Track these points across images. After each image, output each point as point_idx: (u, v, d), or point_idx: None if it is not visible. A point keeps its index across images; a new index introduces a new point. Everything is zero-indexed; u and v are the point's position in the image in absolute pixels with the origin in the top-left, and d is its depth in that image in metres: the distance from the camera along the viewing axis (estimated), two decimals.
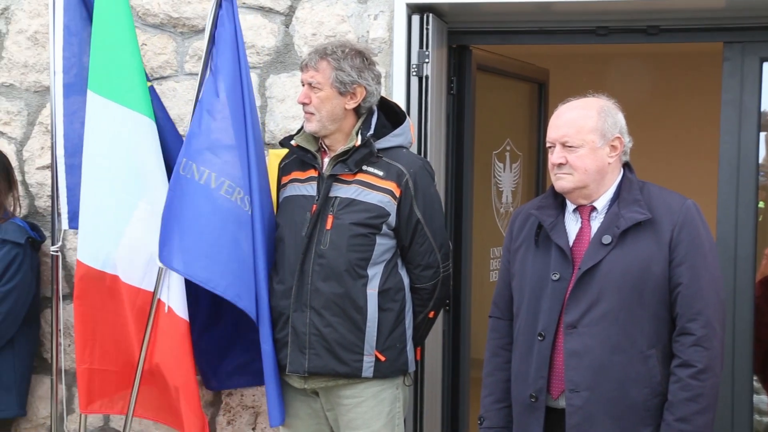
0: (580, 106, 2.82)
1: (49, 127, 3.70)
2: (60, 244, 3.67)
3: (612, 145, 2.78)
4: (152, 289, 3.42)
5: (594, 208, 2.81)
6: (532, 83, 5.15)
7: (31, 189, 4.02)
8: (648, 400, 2.70)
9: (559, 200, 2.87)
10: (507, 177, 4.89)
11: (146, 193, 3.42)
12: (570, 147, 2.75)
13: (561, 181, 2.79)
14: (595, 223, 2.80)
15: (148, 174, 3.43)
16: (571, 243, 2.80)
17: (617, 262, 2.70)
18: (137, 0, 3.88)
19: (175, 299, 3.38)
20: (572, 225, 2.83)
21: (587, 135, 2.75)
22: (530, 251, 2.87)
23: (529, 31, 4.02)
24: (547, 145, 2.83)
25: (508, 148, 4.89)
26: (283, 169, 3.36)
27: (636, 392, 2.69)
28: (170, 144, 3.55)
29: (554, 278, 2.77)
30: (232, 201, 3.21)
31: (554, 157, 2.78)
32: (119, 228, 3.41)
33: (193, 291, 3.41)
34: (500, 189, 4.86)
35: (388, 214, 3.13)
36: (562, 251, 2.78)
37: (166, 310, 3.40)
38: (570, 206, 2.85)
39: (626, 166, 2.86)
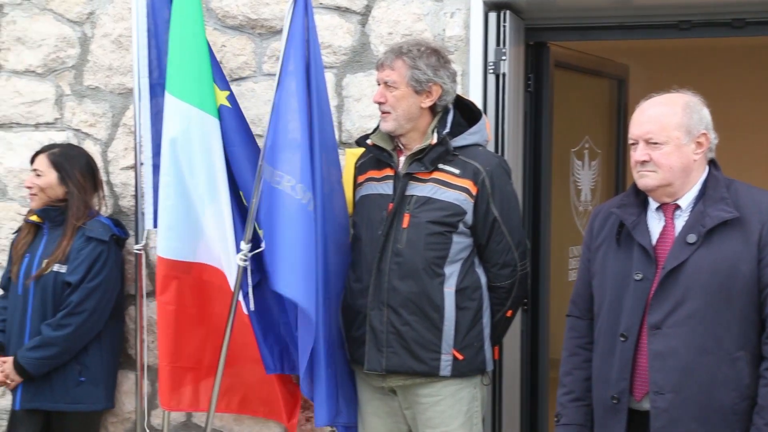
0: (664, 101, 2.76)
1: (133, 129, 3.78)
2: (144, 242, 3.75)
3: (698, 142, 2.71)
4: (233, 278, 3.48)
5: (678, 207, 2.74)
6: (612, 79, 5.07)
7: (115, 189, 4.11)
8: (736, 404, 2.63)
9: (641, 198, 2.81)
10: (586, 175, 4.83)
11: (214, 191, 3.49)
12: (654, 144, 2.69)
13: (644, 179, 2.73)
14: (679, 222, 2.73)
15: (217, 172, 3.51)
16: (654, 242, 2.74)
17: (703, 261, 2.64)
18: (217, 2, 3.93)
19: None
20: (655, 223, 2.77)
21: (672, 131, 2.69)
22: (611, 250, 2.82)
23: (608, 27, 3.96)
24: (630, 142, 2.77)
25: (586, 145, 4.82)
26: (360, 168, 3.38)
27: (723, 395, 2.62)
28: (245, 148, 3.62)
29: (637, 278, 2.72)
30: (304, 204, 3.24)
31: (637, 154, 2.72)
32: (197, 224, 3.49)
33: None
34: (579, 187, 4.80)
35: (465, 213, 3.11)
36: (644, 250, 2.72)
37: (252, 307, 3.47)
38: (653, 204, 2.79)
39: (712, 163, 2.78)
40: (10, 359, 3.69)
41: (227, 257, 3.50)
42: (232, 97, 3.63)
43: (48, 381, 3.69)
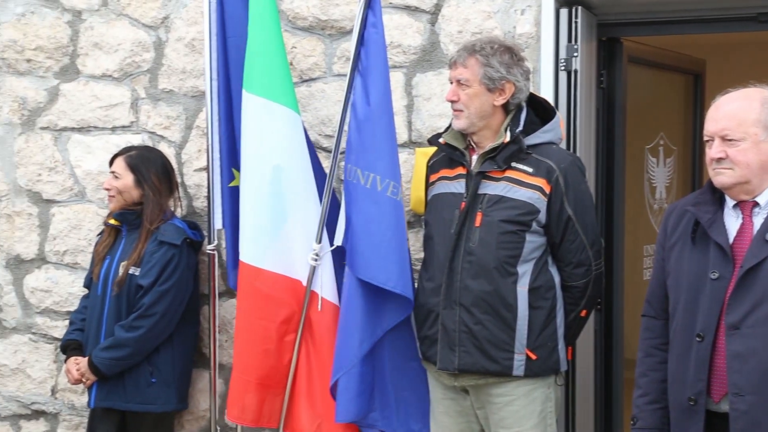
0: (741, 97, 2.69)
1: (206, 131, 3.84)
2: (216, 243, 3.81)
3: None
4: (315, 288, 3.51)
5: (756, 204, 2.67)
6: (687, 75, 4.97)
7: (189, 190, 4.18)
8: None
9: (717, 195, 2.75)
10: (660, 172, 4.74)
11: (297, 189, 3.50)
12: (730, 141, 2.63)
13: (721, 177, 2.66)
14: (758, 220, 2.66)
15: (299, 169, 3.52)
16: (731, 240, 2.67)
17: None
18: (287, 4, 3.97)
19: (327, 290, 3.48)
20: (732, 221, 2.71)
21: (749, 128, 2.62)
22: (686, 249, 2.76)
23: (683, 20, 3.88)
24: (705, 138, 2.71)
25: (661, 142, 4.74)
26: (432, 167, 3.37)
27: None
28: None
29: (713, 277, 2.66)
30: (398, 201, 3.25)
31: (713, 151, 2.66)
32: (278, 225, 3.50)
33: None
34: (653, 184, 4.72)
35: (538, 211, 3.09)
36: (721, 249, 2.66)
37: (320, 306, 3.48)
38: (729, 202, 2.72)
39: None
40: (85, 359, 3.79)
41: (306, 260, 3.51)
42: None
43: (121, 381, 3.77)
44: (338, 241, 3.46)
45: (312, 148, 3.68)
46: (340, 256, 3.51)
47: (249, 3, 3.55)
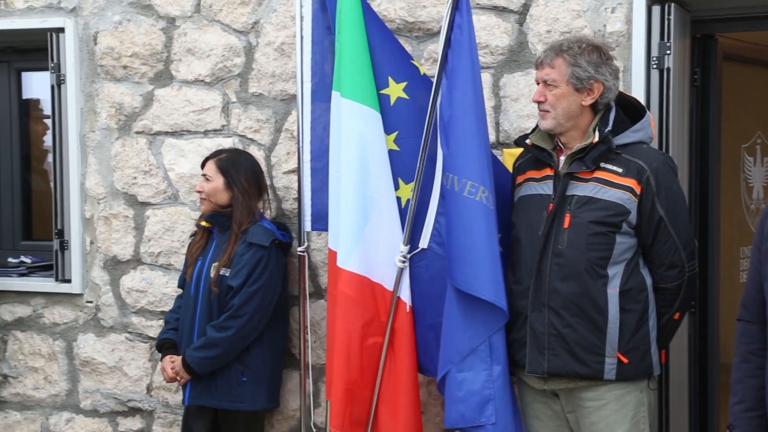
0: None
1: (295, 133, 3.88)
2: (306, 245, 3.85)
3: None
4: (391, 288, 3.49)
5: None
6: None
7: (278, 193, 4.23)
8: None
9: None
10: (758, 171, 4.61)
11: (379, 190, 3.51)
12: None
13: None
14: None
15: (381, 170, 3.52)
16: None
17: None
18: (375, 7, 3.97)
19: (406, 293, 3.47)
20: None
21: None
22: None
23: None
24: None
25: (758, 141, 4.61)
26: (518, 169, 3.34)
27: None
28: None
29: None
30: (477, 201, 3.20)
31: None
32: (361, 226, 3.49)
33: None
34: (750, 184, 4.59)
35: (628, 212, 3.03)
36: None
37: (408, 309, 3.48)
38: None
39: None
40: (180, 357, 3.87)
41: (388, 262, 3.50)
42: (410, 88, 3.57)
43: (213, 380, 3.84)
44: (423, 243, 3.46)
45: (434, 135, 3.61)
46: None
47: (336, 5, 3.56)
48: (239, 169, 3.91)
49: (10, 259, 4.82)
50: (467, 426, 3.28)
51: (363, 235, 3.49)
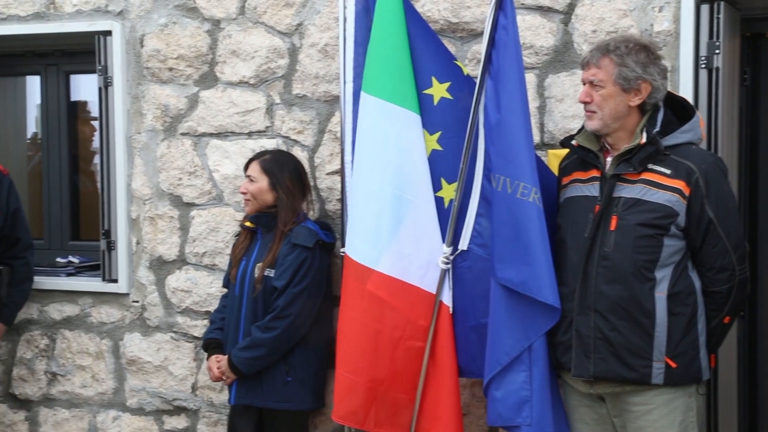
0: None
1: (338, 135, 3.89)
2: None
3: None
4: (432, 290, 3.48)
5: None
6: None
7: (321, 194, 4.24)
8: None
9: None
10: None
11: (416, 191, 3.49)
12: None
13: None
14: None
15: (418, 172, 3.49)
16: None
17: None
18: (418, 8, 3.96)
19: (447, 296, 3.45)
20: None
21: None
22: None
23: None
24: None
25: None
26: (564, 170, 3.31)
27: None
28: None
29: None
30: (529, 202, 3.17)
31: None
32: (395, 227, 3.47)
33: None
34: None
35: (677, 214, 2.99)
36: None
37: (450, 311, 3.46)
38: None
39: None
40: (225, 357, 3.90)
41: (426, 264, 3.48)
42: (453, 88, 3.55)
43: (258, 379, 3.86)
44: (463, 245, 3.44)
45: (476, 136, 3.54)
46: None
47: (376, 5, 3.55)
48: (283, 170, 3.92)
49: (58, 259, 4.89)
50: (505, 425, 3.28)
51: (397, 237, 3.47)
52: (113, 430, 4.63)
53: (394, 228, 3.47)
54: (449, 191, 3.52)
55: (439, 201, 3.53)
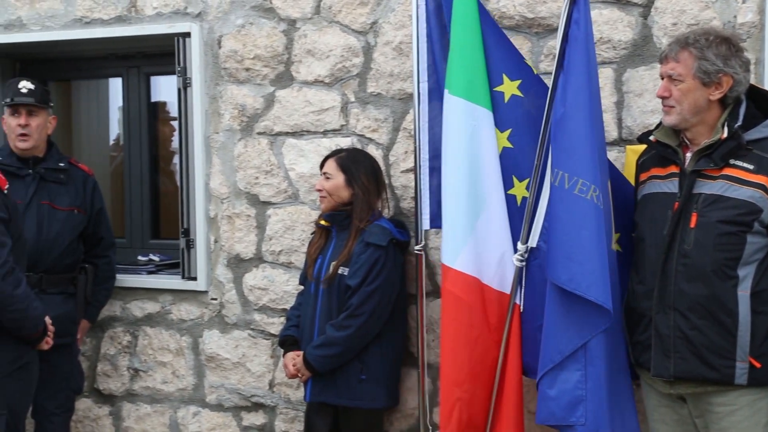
0: None
1: (412, 132, 3.88)
2: (423, 243, 3.84)
3: None
4: (500, 288, 3.46)
5: None
6: None
7: (396, 191, 4.24)
8: None
9: None
10: None
11: (489, 189, 3.47)
12: None
13: None
14: None
15: (491, 167, 3.47)
16: None
17: None
18: (493, 4, 3.95)
19: (519, 295, 3.43)
20: None
21: None
22: None
23: None
24: None
25: None
26: (642, 166, 3.25)
27: None
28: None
29: None
30: (587, 200, 3.13)
31: None
32: (471, 224, 3.45)
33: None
34: None
35: (761, 211, 2.90)
36: None
37: (521, 311, 3.43)
38: None
39: None
40: (301, 354, 3.93)
41: (497, 262, 3.46)
42: (524, 86, 3.53)
43: (333, 377, 3.88)
44: (532, 242, 3.40)
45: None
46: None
47: (453, 5, 3.54)
48: (359, 167, 3.94)
49: (139, 258, 5.01)
50: (557, 424, 3.24)
51: (473, 235, 3.45)
52: (193, 426, 4.72)
53: (472, 225, 3.46)
54: (520, 189, 3.50)
55: (510, 199, 3.51)
